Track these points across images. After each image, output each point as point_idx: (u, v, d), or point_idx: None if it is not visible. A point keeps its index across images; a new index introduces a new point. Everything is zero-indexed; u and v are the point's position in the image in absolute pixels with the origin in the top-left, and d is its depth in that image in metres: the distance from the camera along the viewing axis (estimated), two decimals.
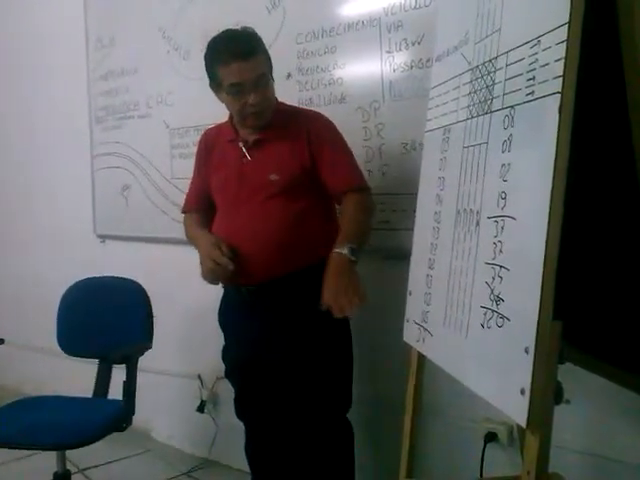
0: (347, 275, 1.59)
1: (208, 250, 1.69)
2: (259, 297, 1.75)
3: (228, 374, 1.94)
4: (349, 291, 1.56)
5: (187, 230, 1.93)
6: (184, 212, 2.00)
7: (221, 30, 1.75)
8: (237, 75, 1.63)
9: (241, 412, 1.95)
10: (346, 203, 1.74)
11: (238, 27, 1.77)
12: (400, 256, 1.74)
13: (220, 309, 1.91)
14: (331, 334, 1.74)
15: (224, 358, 1.93)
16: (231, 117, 1.83)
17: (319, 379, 1.74)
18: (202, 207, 1.91)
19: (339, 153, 1.76)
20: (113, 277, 2.35)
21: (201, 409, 2.61)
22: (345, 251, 1.60)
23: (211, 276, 1.71)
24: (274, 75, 1.77)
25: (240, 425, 1.99)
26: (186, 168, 2.61)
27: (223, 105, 1.78)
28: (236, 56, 1.63)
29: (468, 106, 1.25)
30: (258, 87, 1.66)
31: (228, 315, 1.88)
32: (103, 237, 3.08)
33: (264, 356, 1.79)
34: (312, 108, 2.09)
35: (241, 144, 1.77)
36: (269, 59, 1.74)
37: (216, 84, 1.72)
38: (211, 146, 1.90)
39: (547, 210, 0.93)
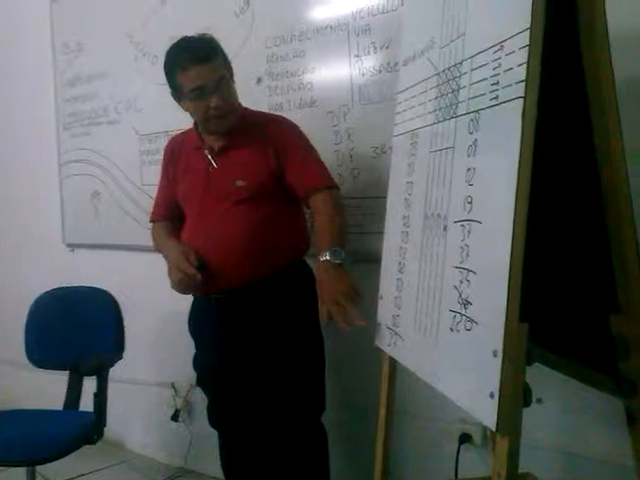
0: (336, 282, 1.55)
1: (176, 261, 1.67)
2: (228, 305, 1.74)
3: (200, 382, 1.93)
4: (346, 298, 1.51)
5: (155, 240, 1.90)
6: (152, 221, 1.97)
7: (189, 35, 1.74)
8: (197, 79, 1.62)
9: (214, 420, 1.94)
10: (317, 203, 1.71)
11: (207, 31, 1.76)
12: (372, 260, 1.74)
13: (190, 317, 1.89)
14: (302, 339, 1.74)
15: (195, 366, 1.91)
16: (196, 124, 1.81)
17: (291, 384, 1.73)
18: (170, 215, 1.90)
19: (306, 155, 1.75)
20: (82, 287, 2.32)
21: (175, 418, 2.58)
22: (327, 257, 1.57)
23: (180, 287, 1.69)
24: (243, 79, 1.76)
25: (215, 433, 1.97)
26: (156, 174, 2.57)
27: None
28: (194, 60, 1.62)
29: (434, 110, 1.26)
30: (219, 90, 1.65)
31: (198, 323, 1.87)
32: (72, 246, 3.03)
33: (235, 363, 1.78)
34: (282, 113, 2.08)
35: (207, 152, 1.76)
36: (229, 63, 1.74)
37: (178, 92, 1.70)
38: (177, 153, 1.88)
39: (512, 214, 0.94)
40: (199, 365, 1.89)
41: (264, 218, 1.70)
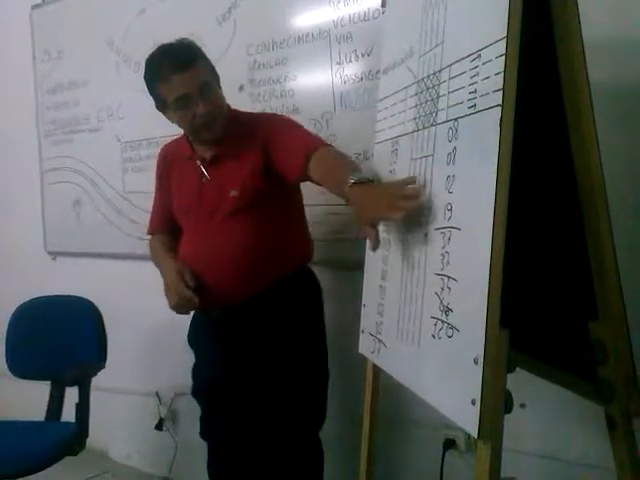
0: (376, 191, 1.26)
1: (172, 282, 1.61)
2: (229, 320, 1.69)
3: (195, 393, 1.87)
4: (390, 199, 1.15)
5: (152, 254, 1.84)
6: (149, 234, 1.91)
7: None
8: (179, 88, 1.55)
9: (207, 432, 1.88)
10: (316, 162, 1.51)
11: (190, 37, 1.70)
12: (355, 267, 1.74)
13: (190, 329, 1.85)
14: (305, 351, 1.70)
15: (193, 376, 1.86)
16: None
17: (294, 399, 1.69)
18: (166, 228, 1.84)
19: (290, 131, 1.63)
20: (64, 295, 2.29)
21: (159, 427, 2.56)
22: (354, 179, 1.28)
23: (178, 310, 1.65)
24: (226, 86, 1.73)
25: (200, 442, 1.95)
26: (139, 182, 2.59)
27: None
28: (174, 69, 1.54)
29: (415, 118, 1.26)
30: (204, 96, 1.57)
31: (198, 336, 1.82)
32: (54, 254, 3.00)
33: (235, 376, 1.73)
34: None
35: (199, 162, 1.69)
36: (212, 67, 1.67)
37: (161, 104, 1.63)
38: (170, 162, 1.82)
39: (491, 221, 0.95)
40: (196, 376, 1.84)
41: (260, 228, 1.62)
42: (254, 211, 1.63)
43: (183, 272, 1.61)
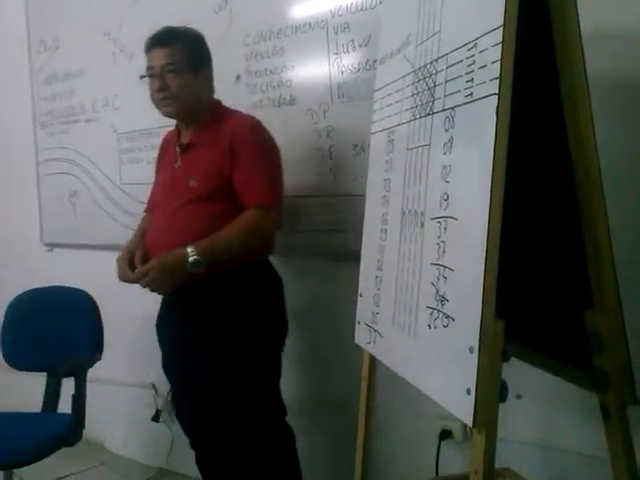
0: (167, 271, 1.60)
1: (117, 258, 1.76)
2: (176, 303, 1.76)
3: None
4: (150, 281, 1.60)
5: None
6: (144, 212, 2.01)
7: None
8: (150, 60, 1.72)
9: (176, 413, 1.99)
10: (241, 216, 1.67)
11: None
12: (352, 258, 1.74)
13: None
14: (252, 343, 1.71)
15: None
16: None
17: (237, 388, 1.72)
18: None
19: (254, 168, 1.69)
20: (60, 287, 2.28)
21: (156, 418, 2.55)
22: (190, 249, 1.58)
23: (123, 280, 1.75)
24: (222, 76, 1.75)
25: None
26: (135, 173, 2.58)
27: None
28: (152, 43, 1.72)
29: (411, 108, 1.26)
30: (164, 75, 1.69)
31: (158, 322, 1.89)
32: (50, 245, 2.99)
33: (183, 362, 1.79)
34: (262, 110, 2.07)
35: (178, 148, 1.79)
36: (192, 57, 1.73)
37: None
38: (165, 148, 1.92)
39: (487, 210, 0.95)
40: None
41: (212, 218, 1.67)
42: (213, 201, 1.70)
43: (135, 251, 1.74)
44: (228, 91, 2.10)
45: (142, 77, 1.76)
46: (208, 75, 1.80)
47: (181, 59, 1.70)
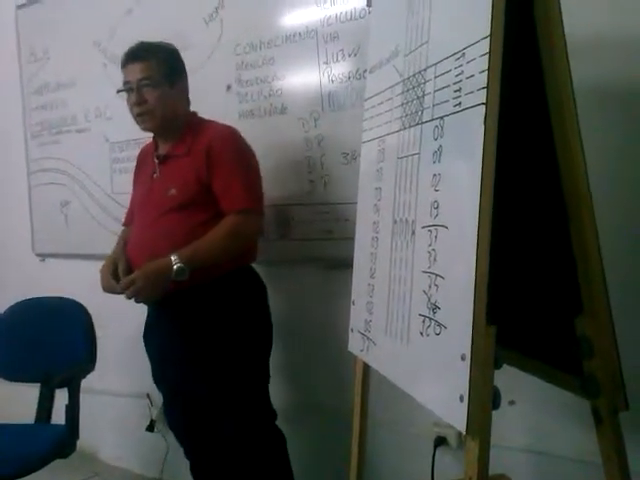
0: (152, 280, 1.61)
1: (101, 269, 1.76)
2: (161, 313, 1.78)
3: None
4: (134, 291, 1.62)
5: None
6: (123, 225, 2.03)
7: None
8: (126, 75, 1.75)
9: (169, 424, 2.00)
10: (221, 222, 1.69)
11: (177, 38, 1.84)
12: (344, 266, 1.74)
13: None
14: (236, 351, 1.72)
15: None
16: None
17: (226, 394, 1.73)
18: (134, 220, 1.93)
19: (232, 175, 1.71)
20: (53, 297, 2.28)
21: (151, 428, 2.54)
22: (173, 257, 1.60)
23: (106, 291, 1.76)
24: (213, 86, 1.76)
25: None
26: (127, 182, 2.55)
27: None
28: (127, 58, 1.75)
29: (401, 117, 1.27)
30: (140, 90, 1.72)
31: (145, 331, 1.91)
32: (42, 256, 2.98)
33: (172, 372, 1.80)
34: (253, 119, 2.09)
35: (156, 160, 1.81)
36: (169, 71, 1.76)
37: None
38: (142, 160, 1.95)
39: (477, 218, 0.95)
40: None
41: (192, 228, 1.68)
42: (192, 210, 1.71)
43: (118, 262, 1.74)
44: (219, 100, 2.12)
45: (119, 91, 1.79)
46: (184, 87, 1.83)
47: (157, 73, 1.73)
